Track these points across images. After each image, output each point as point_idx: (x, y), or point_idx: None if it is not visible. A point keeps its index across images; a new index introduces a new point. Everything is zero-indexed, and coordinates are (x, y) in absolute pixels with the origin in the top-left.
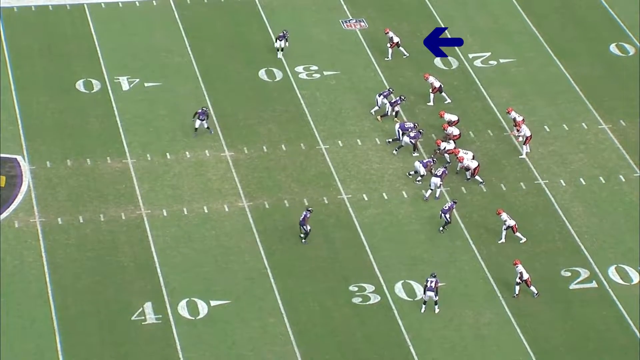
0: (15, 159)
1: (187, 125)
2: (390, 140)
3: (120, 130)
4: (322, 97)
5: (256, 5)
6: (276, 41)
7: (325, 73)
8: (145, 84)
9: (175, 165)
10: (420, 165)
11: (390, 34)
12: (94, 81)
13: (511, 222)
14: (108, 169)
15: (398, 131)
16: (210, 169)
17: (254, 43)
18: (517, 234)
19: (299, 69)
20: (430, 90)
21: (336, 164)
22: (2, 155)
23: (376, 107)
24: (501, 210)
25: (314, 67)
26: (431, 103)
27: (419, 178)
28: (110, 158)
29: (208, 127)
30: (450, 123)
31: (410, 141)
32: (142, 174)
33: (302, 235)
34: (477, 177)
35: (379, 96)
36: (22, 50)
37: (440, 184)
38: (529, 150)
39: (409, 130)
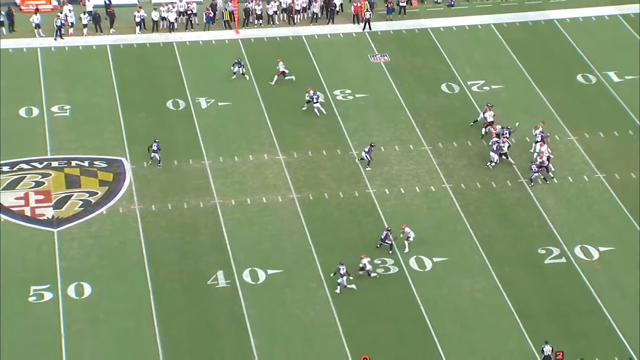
0: (121, 160)
1: (251, 136)
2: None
3: (200, 139)
4: (354, 114)
5: (304, 44)
6: (233, 66)
7: (356, 95)
8: (219, 104)
9: (241, 166)
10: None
11: (280, 66)
12: (180, 101)
13: (412, 235)
14: (190, 168)
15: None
16: (268, 169)
17: (302, 71)
18: (406, 242)
19: (337, 92)
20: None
21: (364, 165)
22: (111, 157)
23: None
24: (404, 225)
25: (348, 91)
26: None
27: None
28: (192, 160)
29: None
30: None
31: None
32: (215, 172)
33: (389, 250)
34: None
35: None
36: (126, 77)
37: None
38: (552, 169)
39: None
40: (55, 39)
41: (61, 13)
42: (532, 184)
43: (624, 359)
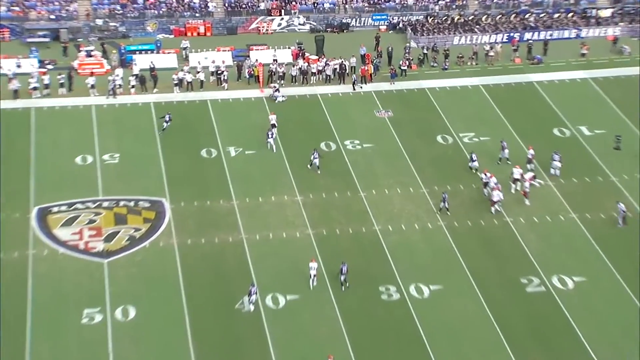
0: (161, 200)
1: (275, 181)
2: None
3: (229, 182)
4: (362, 161)
5: (319, 101)
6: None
7: (364, 145)
8: (246, 152)
9: (264, 205)
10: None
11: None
12: (212, 150)
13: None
14: (220, 207)
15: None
16: (288, 208)
17: (317, 123)
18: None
19: (347, 142)
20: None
21: (371, 205)
22: (153, 198)
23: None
24: (312, 260)
25: (357, 141)
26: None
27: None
28: (222, 200)
29: (164, 129)
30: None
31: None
32: (242, 211)
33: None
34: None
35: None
36: (167, 129)
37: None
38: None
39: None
40: (107, 97)
41: (113, 76)
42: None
43: None
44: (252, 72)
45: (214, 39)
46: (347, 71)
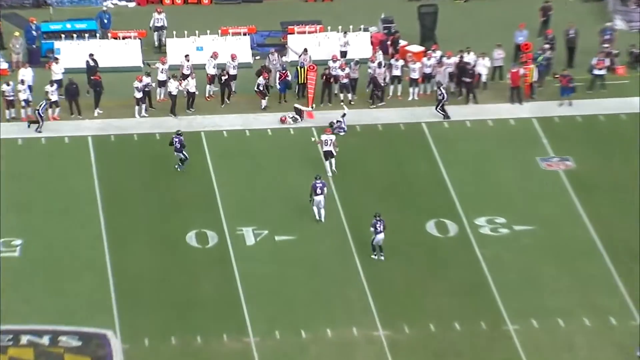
0: (105, 334)
1: (332, 294)
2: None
3: (241, 298)
4: (511, 260)
5: (424, 134)
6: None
7: (515, 228)
8: (276, 237)
9: (312, 347)
10: None
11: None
12: (209, 232)
13: None
14: (224, 349)
15: None
16: (359, 353)
17: (417, 180)
18: None
19: (480, 220)
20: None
21: (529, 351)
22: (91, 329)
23: None
24: None
25: (500, 220)
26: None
27: None
28: (227, 336)
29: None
30: None
31: None
32: (269, 358)
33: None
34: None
35: None
36: (114, 192)
37: None
38: None
39: None
40: (28, 127)
41: (8, 84)
42: None
43: None
44: (287, 76)
45: (215, 11)
46: (474, 78)
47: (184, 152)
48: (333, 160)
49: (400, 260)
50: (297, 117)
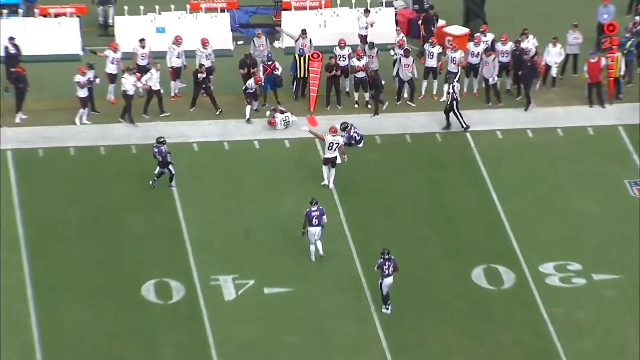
0: None
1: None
2: None
3: None
4: (588, 321)
5: (468, 144)
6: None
7: (593, 276)
8: (265, 290)
9: None
10: None
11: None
12: (172, 282)
13: None
14: None
15: None
16: None
17: (471, 208)
18: None
19: (546, 267)
20: None
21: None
22: None
23: None
24: None
25: (574, 266)
26: None
27: None
28: None
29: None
30: None
31: None
32: None
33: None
34: None
35: None
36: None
37: None
38: None
39: None
40: None
41: None
42: None
43: None
44: (275, 68)
45: None
46: (536, 72)
47: (170, 167)
48: (333, 170)
49: (436, 321)
50: (289, 114)
